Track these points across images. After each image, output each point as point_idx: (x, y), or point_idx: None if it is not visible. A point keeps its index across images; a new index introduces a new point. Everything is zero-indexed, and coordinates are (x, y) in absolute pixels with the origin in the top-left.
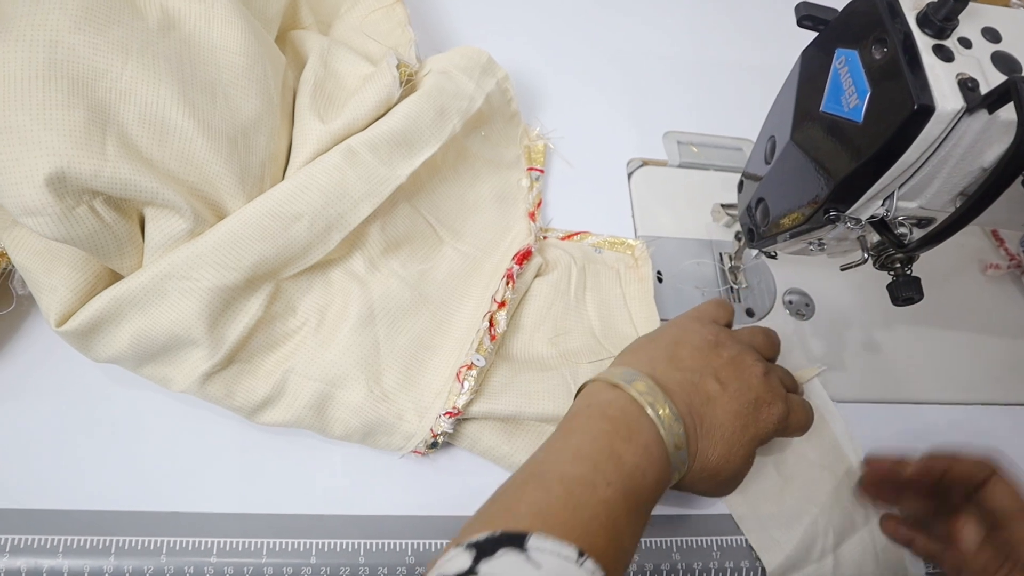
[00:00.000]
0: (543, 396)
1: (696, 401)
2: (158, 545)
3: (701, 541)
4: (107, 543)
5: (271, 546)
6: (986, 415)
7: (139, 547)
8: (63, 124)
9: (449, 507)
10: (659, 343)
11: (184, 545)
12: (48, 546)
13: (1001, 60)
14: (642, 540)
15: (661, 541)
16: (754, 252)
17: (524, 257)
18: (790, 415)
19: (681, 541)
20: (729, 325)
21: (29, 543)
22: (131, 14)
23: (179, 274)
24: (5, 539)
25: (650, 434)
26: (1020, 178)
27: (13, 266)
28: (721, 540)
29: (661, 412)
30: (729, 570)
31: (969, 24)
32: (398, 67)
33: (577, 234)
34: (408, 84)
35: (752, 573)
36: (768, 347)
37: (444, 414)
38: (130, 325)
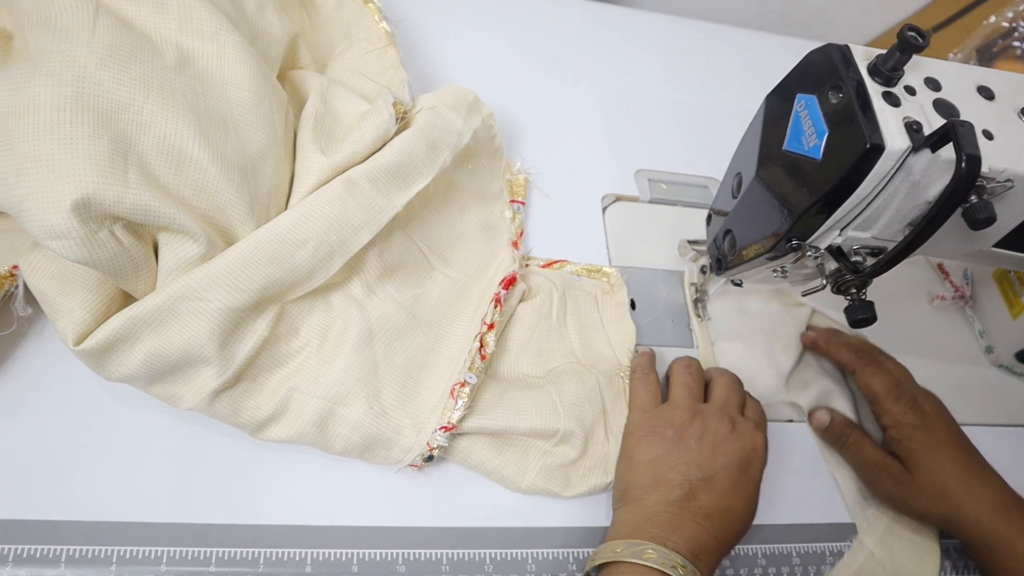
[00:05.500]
0: (531, 412)
1: (697, 509)
2: (159, 555)
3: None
4: (108, 553)
5: (268, 556)
6: None
7: (140, 556)
8: (89, 153)
9: (441, 518)
10: (638, 472)
11: (184, 555)
12: (50, 556)
13: (941, 106)
14: None
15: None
16: (721, 281)
17: (510, 283)
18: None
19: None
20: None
21: (32, 553)
22: (151, 52)
23: (193, 295)
24: (8, 549)
25: None
26: (959, 210)
27: (15, 288)
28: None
29: (683, 571)
30: None
31: (913, 74)
32: (394, 105)
33: (557, 262)
34: (402, 121)
35: None
36: (729, 387)
37: (440, 428)
38: (144, 344)
